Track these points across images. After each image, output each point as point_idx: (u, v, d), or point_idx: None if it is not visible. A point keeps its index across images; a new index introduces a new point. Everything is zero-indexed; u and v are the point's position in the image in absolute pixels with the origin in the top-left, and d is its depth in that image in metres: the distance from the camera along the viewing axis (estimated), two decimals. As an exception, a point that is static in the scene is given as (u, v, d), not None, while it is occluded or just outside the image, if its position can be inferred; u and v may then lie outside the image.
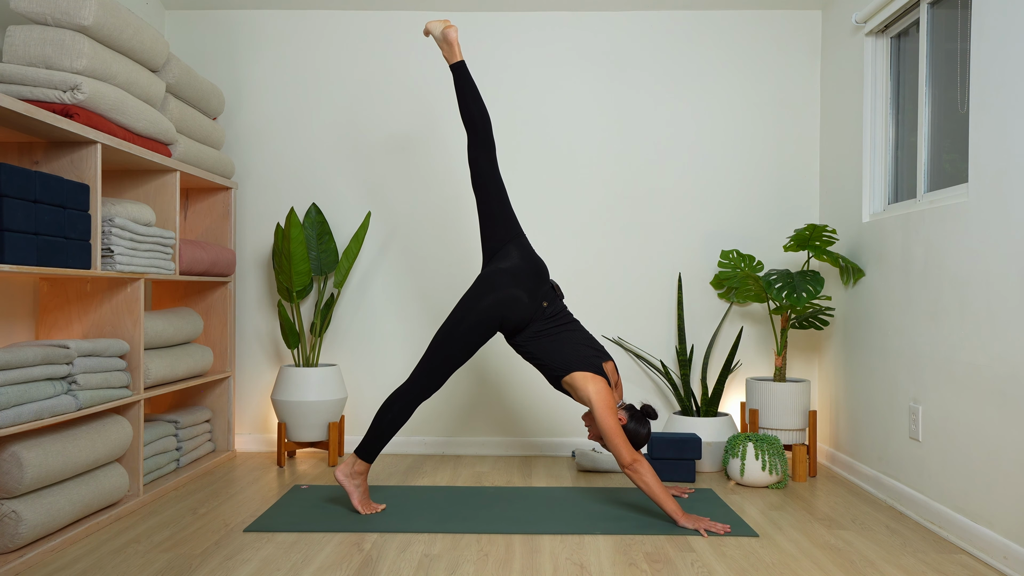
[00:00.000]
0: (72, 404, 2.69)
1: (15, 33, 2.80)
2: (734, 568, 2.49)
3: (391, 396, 3.06)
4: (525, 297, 3.05)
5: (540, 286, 3.12)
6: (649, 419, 3.09)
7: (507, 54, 4.21)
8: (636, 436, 3.04)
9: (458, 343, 3.02)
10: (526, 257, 3.14)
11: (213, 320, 4.00)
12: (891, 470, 3.30)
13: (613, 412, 2.92)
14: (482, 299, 3.03)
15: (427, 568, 2.47)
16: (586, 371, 3.00)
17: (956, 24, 3.05)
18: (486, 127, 3.17)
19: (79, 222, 2.72)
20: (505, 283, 3.05)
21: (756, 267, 4.03)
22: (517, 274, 3.08)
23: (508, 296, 3.03)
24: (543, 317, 3.10)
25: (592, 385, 2.96)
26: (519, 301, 3.04)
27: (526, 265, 3.12)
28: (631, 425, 3.04)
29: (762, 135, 4.20)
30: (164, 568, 2.45)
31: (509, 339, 3.14)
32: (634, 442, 3.03)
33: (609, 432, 2.90)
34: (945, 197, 3.00)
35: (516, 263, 3.11)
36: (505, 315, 3.03)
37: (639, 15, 4.20)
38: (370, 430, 3.06)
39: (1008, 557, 2.48)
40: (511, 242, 3.17)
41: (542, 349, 3.07)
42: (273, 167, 4.23)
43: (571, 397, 3.17)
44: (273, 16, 4.23)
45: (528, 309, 3.06)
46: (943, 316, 2.91)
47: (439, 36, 3.20)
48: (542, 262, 3.18)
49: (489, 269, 3.12)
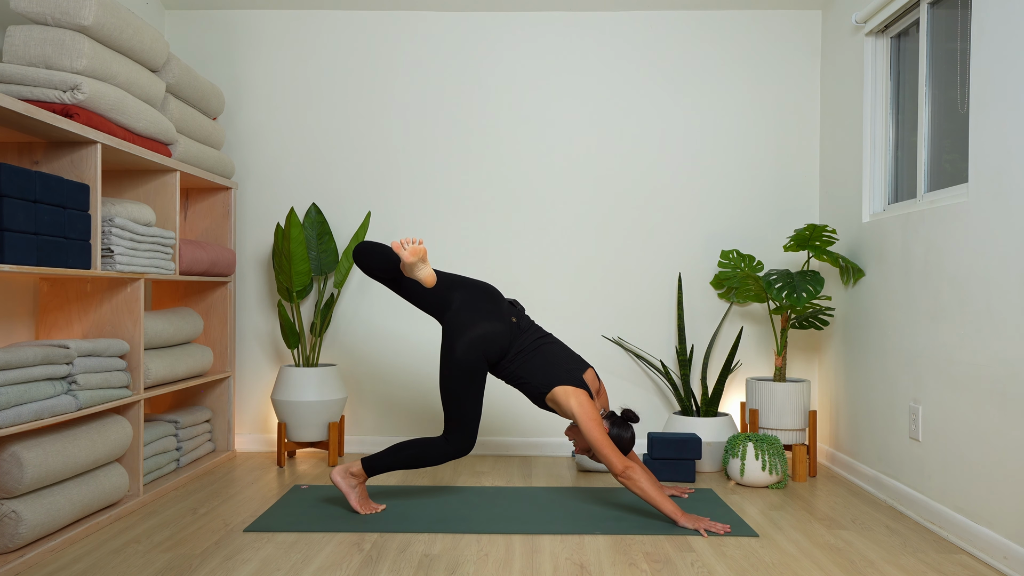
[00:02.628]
0: (72, 404, 2.69)
1: (15, 33, 2.80)
2: (734, 568, 2.49)
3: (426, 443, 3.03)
4: (496, 324, 3.02)
5: (500, 306, 3.09)
6: (631, 423, 3.09)
7: (507, 54, 4.21)
8: (620, 441, 3.03)
9: (461, 398, 2.99)
10: (470, 289, 3.09)
11: (213, 320, 4.00)
12: (891, 470, 3.29)
13: (598, 423, 2.93)
14: (456, 348, 2.98)
15: (427, 568, 2.47)
16: (567, 385, 3.00)
17: (956, 24, 3.05)
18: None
19: (79, 222, 2.72)
20: (469, 322, 3.00)
21: (756, 267, 4.03)
22: (474, 307, 3.03)
23: (479, 333, 2.98)
24: (519, 332, 3.09)
25: (574, 399, 2.97)
26: (492, 330, 3.00)
27: (475, 295, 3.07)
28: (613, 432, 3.03)
29: (762, 135, 4.20)
30: (164, 568, 2.45)
31: (494, 368, 3.09)
32: (619, 447, 3.03)
33: (597, 443, 2.90)
34: (945, 197, 3.00)
35: (465, 300, 3.05)
36: (486, 350, 2.99)
37: (639, 15, 4.20)
38: (389, 458, 3.03)
39: (1008, 557, 2.47)
40: (447, 292, 3.08)
41: (524, 368, 3.05)
42: (273, 167, 4.23)
43: (556, 413, 3.16)
44: (273, 16, 4.23)
45: (504, 334, 3.03)
46: (943, 316, 2.90)
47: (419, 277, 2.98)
48: (490, 286, 3.14)
49: (448, 317, 3.04)
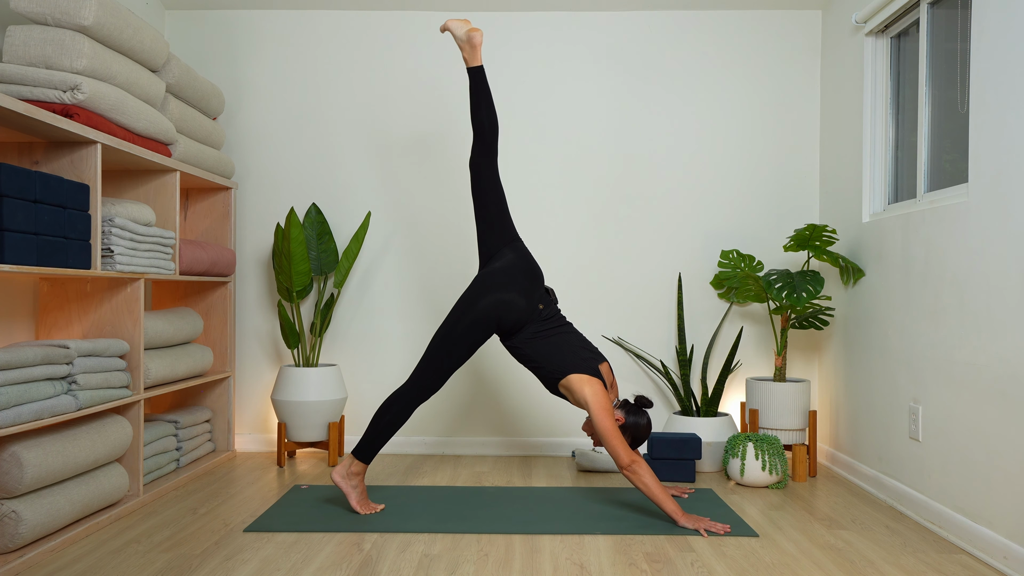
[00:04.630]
0: (72, 404, 2.69)
1: (15, 33, 2.80)
2: (734, 568, 2.49)
3: (389, 397, 3.06)
4: (521, 299, 3.05)
5: (536, 288, 3.12)
6: (645, 408, 3.10)
7: (507, 54, 4.21)
8: (637, 429, 3.05)
9: (456, 343, 3.02)
10: (521, 259, 3.14)
11: (213, 320, 4.00)
12: (891, 470, 3.29)
13: (610, 414, 2.93)
14: (479, 300, 3.03)
15: (427, 568, 2.47)
16: (582, 373, 3.00)
17: (956, 24, 3.05)
18: (494, 135, 3.16)
19: (79, 222, 2.72)
20: (501, 284, 3.05)
21: (756, 267, 4.03)
22: (513, 275, 3.08)
23: (504, 297, 3.03)
24: (539, 319, 3.10)
25: (588, 387, 2.97)
26: (515, 302, 3.04)
27: (522, 265, 3.12)
28: (630, 420, 3.04)
29: (762, 135, 4.20)
30: (164, 568, 2.45)
31: (505, 340, 3.13)
32: (636, 435, 3.05)
33: (606, 434, 2.90)
34: (945, 197, 3.00)
35: (512, 264, 3.11)
36: (501, 315, 3.03)
37: (639, 15, 4.20)
38: (368, 431, 3.06)
39: (1008, 557, 2.48)
40: (507, 246, 3.17)
41: (538, 352, 3.07)
42: (273, 167, 4.23)
43: (567, 401, 3.17)
44: (273, 16, 4.23)
45: (524, 311, 3.06)
46: (943, 316, 2.90)
47: (462, 37, 3.14)
48: (537, 266, 3.18)
49: (486, 271, 3.12)
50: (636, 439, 3.08)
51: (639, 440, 3.08)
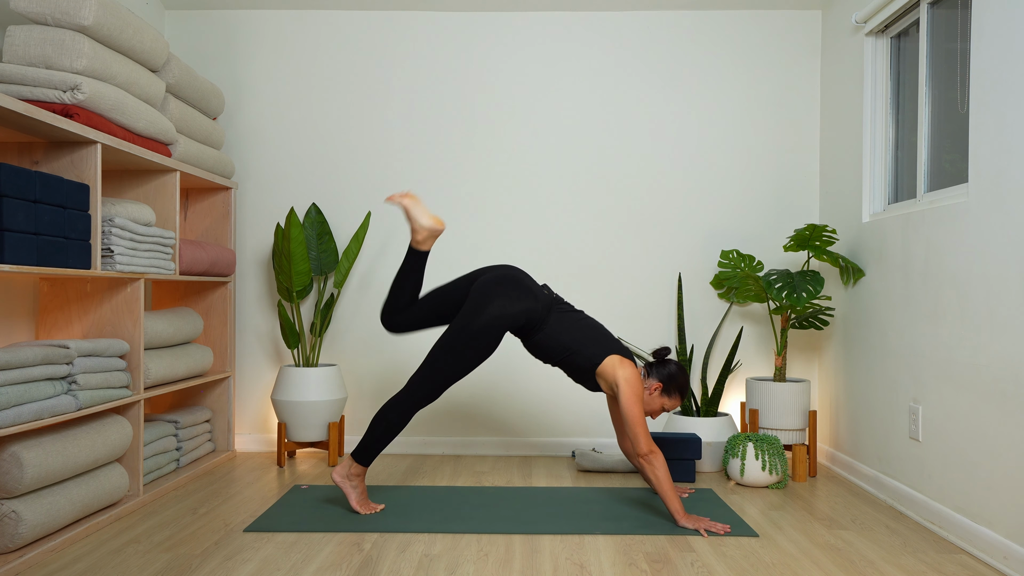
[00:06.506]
0: (72, 404, 2.69)
1: (15, 33, 2.80)
2: (734, 568, 2.49)
3: (387, 404, 3.02)
4: (527, 292, 3.03)
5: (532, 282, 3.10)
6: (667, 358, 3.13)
7: (506, 54, 4.21)
8: (672, 379, 3.09)
9: (461, 354, 2.97)
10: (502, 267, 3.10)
11: (213, 320, 4.00)
12: (891, 470, 3.30)
13: (640, 400, 2.91)
14: (487, 304, 2.97)
15: (427, 568, 2.47)
16: (620, 355, 3.00)
17: (956, 24, 3.05)
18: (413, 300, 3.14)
19: (79, 222, 2.72)
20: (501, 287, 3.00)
21: (756, 267, 4.03)
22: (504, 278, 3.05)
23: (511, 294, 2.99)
24: (557, 306, 3.09)
25: (625, 370, 2.95)
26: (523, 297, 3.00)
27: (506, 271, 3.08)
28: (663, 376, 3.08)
29: (762, 135, 4.20)
30: (164, 568, 2.45)
31: (533, 335, 3.04)
32: (680, 384, 3.08)
33: (633, 419, 2.88)
34: (945, 197, 3.00)
35: (499, 273, 3.07)
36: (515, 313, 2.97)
37: (639, 15, 4.20)
38: (366, 435, 3.02)
39: (1008, 557, 2.48)
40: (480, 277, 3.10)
41: (573, 337, 3.01)
42: (273, 167, 4.23)
43: (587, 388, 3.11)
44: (273, 16, 4.23)
45: (537, 300, 3.03)
46: (943, 316, 2.90)
47: (426, 225, 2.99)
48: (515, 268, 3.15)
49: (477, 283, 3.05)
50: (682, 388, 3.10)
51: (685, 387, 3.10)
